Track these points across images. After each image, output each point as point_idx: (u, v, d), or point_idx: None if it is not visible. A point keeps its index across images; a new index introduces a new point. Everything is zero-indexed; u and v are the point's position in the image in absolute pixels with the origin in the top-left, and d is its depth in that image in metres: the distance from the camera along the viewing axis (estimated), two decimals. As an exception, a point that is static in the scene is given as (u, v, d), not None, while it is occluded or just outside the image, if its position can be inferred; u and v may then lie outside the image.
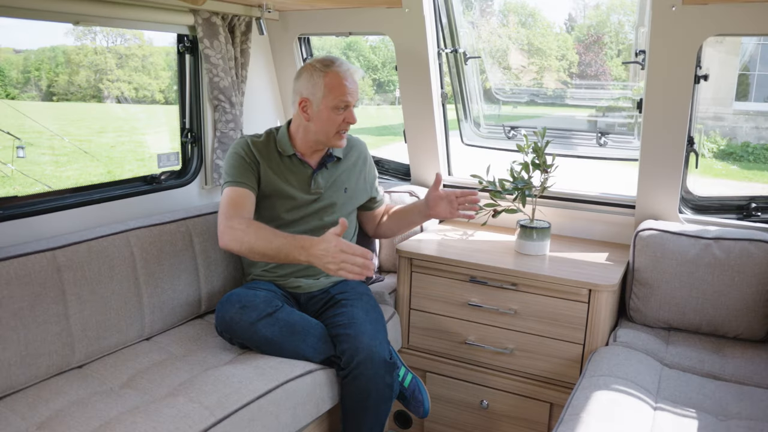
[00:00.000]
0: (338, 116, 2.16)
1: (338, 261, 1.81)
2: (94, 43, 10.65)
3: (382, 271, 2.86)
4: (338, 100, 2.14)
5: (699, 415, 1.80)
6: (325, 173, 2.28)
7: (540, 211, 2.71)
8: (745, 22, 2.15)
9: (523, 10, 4.92)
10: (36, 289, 1.86)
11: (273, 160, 2.22)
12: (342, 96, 2.14)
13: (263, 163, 2.20)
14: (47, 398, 1.79)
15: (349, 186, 2.33)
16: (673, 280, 2.29)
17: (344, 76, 2.15)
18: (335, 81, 2.14)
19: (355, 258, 1.81)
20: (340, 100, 2.14)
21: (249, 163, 2.18)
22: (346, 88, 2.14)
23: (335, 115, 2.15)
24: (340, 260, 1.81)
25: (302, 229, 2.22)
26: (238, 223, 2.01)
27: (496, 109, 3.28)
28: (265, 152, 2.22)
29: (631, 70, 3.64)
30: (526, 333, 2.36)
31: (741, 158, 8.24)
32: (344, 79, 2.15)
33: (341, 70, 2.15)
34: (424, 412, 2.27)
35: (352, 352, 2.01)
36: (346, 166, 2.35)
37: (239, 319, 2.01)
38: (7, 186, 7.53)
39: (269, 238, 1.94)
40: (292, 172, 2.24)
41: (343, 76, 2.15)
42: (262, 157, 2.21)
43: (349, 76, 2.16)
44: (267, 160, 2.21)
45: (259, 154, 2.21)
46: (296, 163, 2.24)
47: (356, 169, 2.38)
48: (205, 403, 1.76)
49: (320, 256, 1.84)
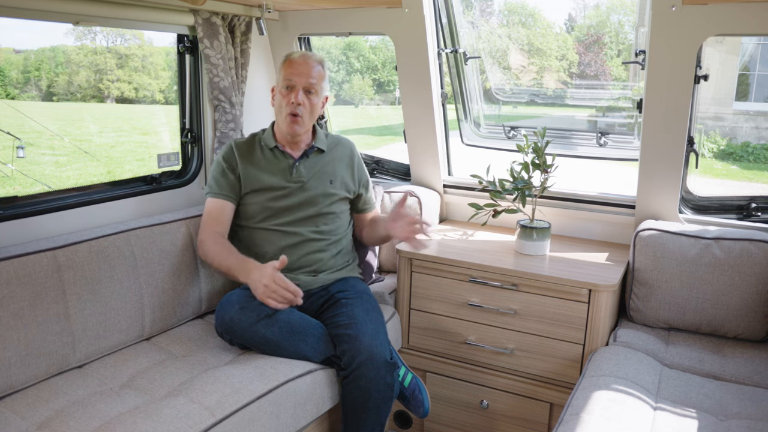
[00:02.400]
0: (284, 97, 2.21)
1: (269, 291, 1.97)
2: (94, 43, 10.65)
3: (382, 271, 2.86)
4: (284, 80, 2.21)
5: (699, 415, 1.80)
6: (307, 162, 2.31)
7: (540, 211, 2.71)
8: (745, 22, 2.15)
9: (523, 10, 4.92)
10: (36, 289, 1.86)
11: (255, 156, 2.29)
12: (287, 75, 2.20)
13: (243, 163, 2.27)
14: (47, 398, 1.79)
15: (335, 179, 2.34)
16: (673, 280, 2.29)
17: (294, 59, 2.23)
18: (285, 64, 2.24)
19: (285, 292, 1.98)
20: (285, 78, 2.21)
21: (228, 171, 2.26)
22: (292, 69, 2.20)
23: (282, 96, 2.22)
24: (271, 290, 1.97)
25: (292, 219, 2.26)
26: (206, 236, 2.21)
27: (496, 109, 3.28)
28: (246, 152, 2.30)
29: (631, 70, 3.65)
30: (526, 333, 2.36)
31: (741, 158, 8.24)
32: (293, 61, 2.22)
33: (294, 55, 2.25)
34: (424, 412, 2.27)
35: (353, 352, 2.01)
36: (331, 158, 2.36)
37: (239, 320, 2.01)
38: (7, 186, 7.53)
39: (225, 257, 2.14)
40: (274, 164, 2.29)
41: (293, 60, 2.22)
42: (243, 157, 2.28)
43: (301, 59, 2.22)
44: (247, 158, 2.28)
45: (240, 155, 2.28)
46: (278, 155, 2.30)
47: (343, 163, 2.39)
48: (205, 403, 1.76)
49: (255, 280, 2.00)
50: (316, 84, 2.22)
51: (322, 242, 2.29)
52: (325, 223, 2.30)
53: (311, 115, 2.25)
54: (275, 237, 2.26)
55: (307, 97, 2.21)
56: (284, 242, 2.25)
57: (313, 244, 2.27)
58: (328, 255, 2.31)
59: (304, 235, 2.26)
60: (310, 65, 2.22)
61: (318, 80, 2.23)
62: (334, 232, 2.33)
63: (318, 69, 2.24)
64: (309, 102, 2.22)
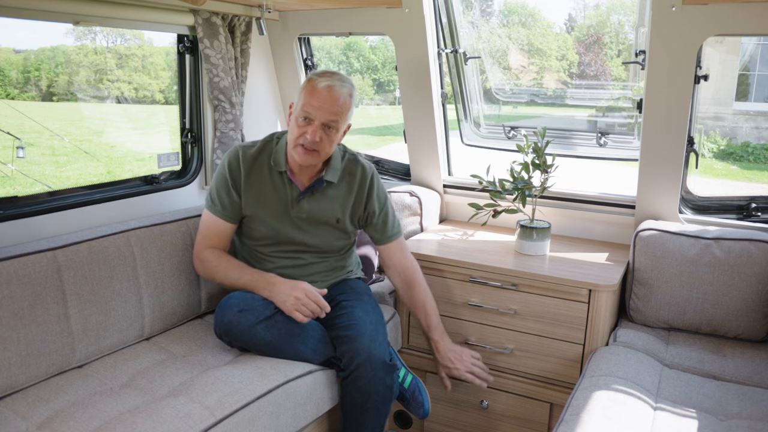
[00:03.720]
0: (299, 127, 2.01)
1: (299, 304, 2.00)
2: (94, 43, 10.64)
3: (383, 272, 2.86)
4: (302, 109, 2.00)
5: (699, 415, 1.80)
6: (312, 198, 2.14)
7: (540, 211, 2.71)
8: (745, 22, 2.15)
9: (523, 10, 4.92)
10: (36, 289, 1.86)
11: (261, 177, 2.13)
12: (305, 106, 1.99)
13: (246, 184, 2.12)
14: (47, 398, 1.79)
15: (342, 216, 2.18)
16: (673, 280, 2.29)
17: (317, 89, 1.98)
18: (308, 89, 2.01)
19: (315, 306, 2.01)
20: (302, 109, 2.00)
21: (232, 189, 2.11)
22: (312, 100, 1.98)
23: (297, 126, 2.01)
24: (302, 303, 2.00)
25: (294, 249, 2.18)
26: (210, 255, 2.14)
27: (496, 109, 3.28)
28: (252, 167, 2.13)
29: (631, 70, 3.65)
30: (526, 333, 2.35)
31: (741, 158, 8.24)
32: (315, 91, 1.98)
33: (320, 82, 1.99)
34: (425, 412, 2.27)
35: (352, 353, 2.01)
36: (341, 193, 2.18)
37: (238, 322, 2.00)
38: (7, 186, 7.53)
39: (237, 274, 2.11)
40: (279, 192, 2.13)
41: (317, 89, 1.98)
42: (248, 175, 2.12)
43: (326, 91, 1.97)
44: (252, 178, 2.12)
45: (246, 171, 2.12)
46: (285, 181, 2.13)
47: (352, 196, 2.19)
48: (205, 403, 1.76)
49: (285, 293, 2.01)
50: (338, 122, 2.01)
51: (325, 263, 2.26)
52: (325, 253, 2.24)
53: (329, 148, 2.06)
54: (278, 260, 2.19)
55: (325, 132, 2.00)
56: (287, 263, 2.19)
57: (315, 266, 2.23)
58: (334, 272, 2.29)
59: (306, 259, 2.21)
60: (335, 98, 1.98)
61: (341, 115, 2.01)
62: (339, 253, 2.29)
63: (343, 101, 2.00)
64: (327, 137, 2.01)
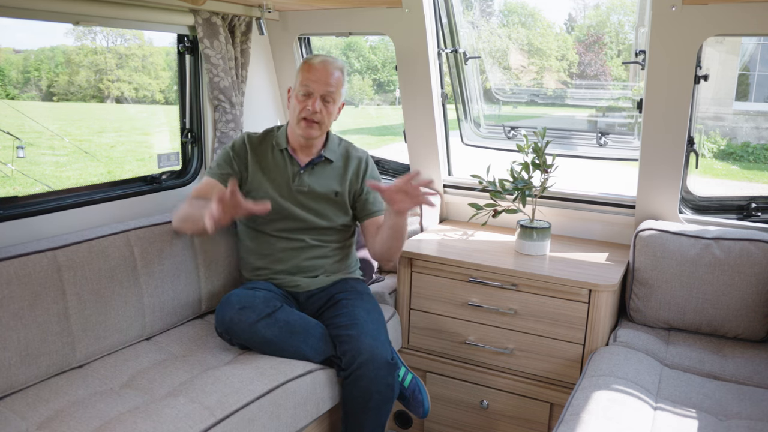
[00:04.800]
0: (300, 102, 2.18)
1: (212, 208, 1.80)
2: (94, 43, 10.65)
3: (382, 271, 2.86)
4: (302, 86, 2.17)
5: (699, 415, 1.80)
6: (312, 173, 2.27)
7: (540, 211, 2.71)
8: (745, 22, 2.15)
9: (523, 10, 4.92)
10: (36, 289, 1.86)
11: (265, 156, 2.28)
12: (305, 81, 2.16)
13: (252, 157, 2.27)
14: (47, 398, 1.79)
15: (341, 190, 2.29)
16: (673, 280, 2.29)
17: (313, 65, 2.18)
18: (304, 68, 2.20)
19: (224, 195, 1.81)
20: (302, 85, 2.17)
21: (232, 157, 2.26)
22: (310, 75, 2.16)
23: (298, 102, 2.18)
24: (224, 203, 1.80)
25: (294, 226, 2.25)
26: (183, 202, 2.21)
27: (496, 109, 3.28)
28: (258, 147, 2.29)
29: (631, 70, 3.65)
30: (526, 333, 2.35)
31: (741, 158, 8.24)
32: (311, 67, 2.18)
33: (314, 60, 2.20)
34: (424, 412, 2.27)
35: (354, 353, 2.01)
36: (339, 170, 2.30)
37: (239, 320, 2.01)
38: (7, 186, 7.53)
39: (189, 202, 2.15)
40: (281, 168, 2.27)
41: (313, 65, 2.18)
42: (254, 150, 2.28)
43: (321, 65, 2.17)
44: (258, 156, 2.28)
45: (251, 147, 2.28)
46: (286, 158, 2.28)
47: (351, 174, 2.31)
48: (205, 403, 1.76)
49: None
50: (334, 93, 2.19)
51: (325, 248, 2.29)
52: (328, 232, 2.30)
53: (328, 121, 2.23)
54: (278, 241, 2.26)
55: (324, 105, 2.18)
56: (287, 245, 2.26)
57: (316, 250, 2.27)
58: (330, 261, 2.31)
59: (307, 241, 2.27)
60: (330, 72, 2.18)
61: (337, 88, 2.20)
62: (338, 240, 2.33)
63: (337, 76, 2.19)
64: (326, 110, 2.19)
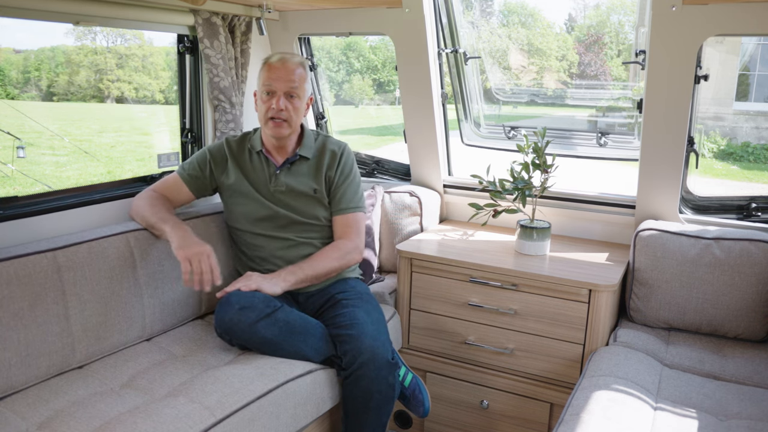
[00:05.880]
0: (264, 102, 2.18)
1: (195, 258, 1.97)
2: (94, 43, 10.66)
3: (382, 271, 2.86)
4: (264, 86, 2.18)
5: (699, 415, 1.80)
6: (288, 172, 2.27)
7: (540, 211, 2.72)
8: (745, 22, 2.15)
9: (523, 10, 4.92)
10: (36, 290, 1.86)
11: (243, 159, 2.30)
12: (266, 81, 2.17)
13: (232, 161, 2.29)
14: (47, 398, 1.79)
15: (319, 187, 2.28)
16: (674, 280, 2.29)
17: (272, 64, 2.18)
18: (264, 69, 2.19)
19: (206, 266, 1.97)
20: (264, 85, 2.17)
21: (209, 160, 2.29)
22: (270, 74, 2.16)
23: (263, 102, 2.19)
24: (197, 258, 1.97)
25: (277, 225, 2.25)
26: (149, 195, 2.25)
27: (496, 109, 3.28)
28: (237, 149, 2.31)
29: (631, 70, 3.65)
30: (526, 333, 2.36)
31: (741, 158, 8.24)
32: (271, 66, 2.17)
33: (273, 59, 2.19)
34: (425, 411, 2.27)
35: (355, 353, 2.01)
36: (315, 167, 2.29)
37: (238, 320, 2.01)
38: (7, 186, 7.53)
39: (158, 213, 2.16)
40: (258, 170, 2.28)
41: (272, 64, 2.18)
42: (232, 154, 2.30)
43: (279, 63, 2.16)
44: (237, 157, 2.30)
45: (230, 151, 2.30)
46: (262, 160, 2.28)
47: (325, 168, 2.29)
48: (205, 403, 1.76)
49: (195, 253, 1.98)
50: (297, 88, 2.17)
51: (314, 245, 2.29)
52: (314, 228, 2.29)
53: (296, 118, 2.21)
54: (266, 241, 2.27)
55: (289, 102, 2.17)
56: (276, 245, 2.26)
57: (306, 248, 2.27)
58: None
59: (294, 239, 2.27)
60: (290, 69, 2.16)
61: (299, 83, 2.18)
62: (325, 236, 2.32)
63: (299, 72, 2.19)
64: (292, 106, 2.18)
